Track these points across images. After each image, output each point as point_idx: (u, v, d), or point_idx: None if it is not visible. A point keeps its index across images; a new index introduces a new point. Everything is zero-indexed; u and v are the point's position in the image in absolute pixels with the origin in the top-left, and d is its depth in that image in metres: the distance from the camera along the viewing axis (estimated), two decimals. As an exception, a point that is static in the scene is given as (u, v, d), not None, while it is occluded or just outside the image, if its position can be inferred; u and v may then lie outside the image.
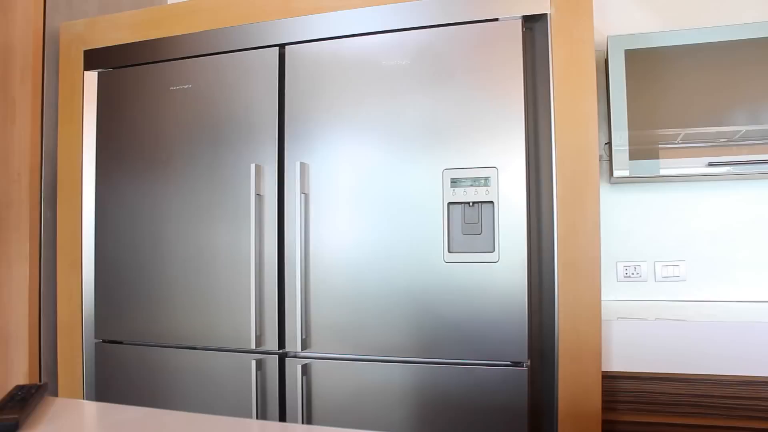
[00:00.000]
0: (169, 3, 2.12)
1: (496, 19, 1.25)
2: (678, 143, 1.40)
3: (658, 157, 1.40)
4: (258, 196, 1.37)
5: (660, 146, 1.42)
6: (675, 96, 1.43)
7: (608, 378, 1.24)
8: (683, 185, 1.65)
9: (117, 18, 1.56)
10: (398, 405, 1.26)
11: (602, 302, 1.65)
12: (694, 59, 1.42)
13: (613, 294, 1.70)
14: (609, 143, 1.47)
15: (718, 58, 1.41)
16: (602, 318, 1.26)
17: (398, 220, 1.27)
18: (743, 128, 1.37)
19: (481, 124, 1.24)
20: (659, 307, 1.51)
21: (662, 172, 1.41)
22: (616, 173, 1.44)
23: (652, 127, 1.43)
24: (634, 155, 1.42)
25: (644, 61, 1.45)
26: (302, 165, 1.34)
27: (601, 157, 1.68)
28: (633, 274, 1.66)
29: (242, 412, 1.37)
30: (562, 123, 1.22)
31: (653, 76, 1.44)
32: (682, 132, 1.41)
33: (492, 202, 1.23)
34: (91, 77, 1.57)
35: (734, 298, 1.62)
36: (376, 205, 1.29)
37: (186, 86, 1.46)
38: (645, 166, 1.42)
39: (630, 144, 1.44)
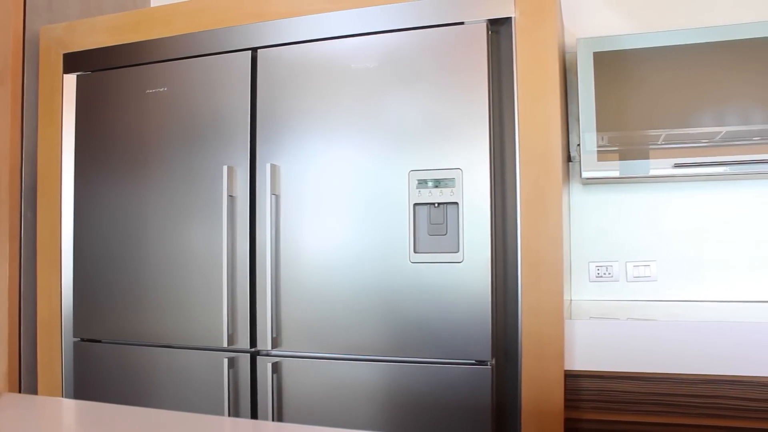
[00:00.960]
0: (152, 6, 2.14)
1: (462, 23, 1.26)
2: (660, 144, 1.42)
3: (648, 157, 1.42)
4: (230, 197, 1.39)
5: (632, 147, 1.44)
6: (643, 98, 1.44)
7: (571, 377, 1.25)
8: (655, 186, 1.66)
9: (96, 22, 1.58)
10: (367, 402, 1.28)
11: (574, 302, 1.66)
12: (663, 61, 1.44)
13: (586, 294, 1.71)
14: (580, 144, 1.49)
15: (686, 60, 1.43)
16: (573, 318, 1.28)
17: (366, 221, 1.29)
18: (722, 129, 1.39)
19: (447, 126, 1.25)
20: (630, 307, 1.53)
21: (651, 172, 1.42)
22: (584, 174, 1.46)
23: (621, 129, 1.44)
24: (623, 156, 1.43)
25: (613, 63, 1.46)
26: (273, 167, 1.36)
27: (573, 158, 1.69)
28: (605, 274, 1.67)
29: (215, 410, 1.39)
30: (525, 125, 1.24)
31: (622, 78, 1.46)
32: (663, 133, 1.42)
33: (457, 203, 1.24)
34: (70, 80, 1.59)
35: (704, 298, 1.63)
36: (344, 206, 1.31)
37: (162, 89, 1.48)
38: (633, 166, 1.43)
39: (601, 144, 1.45)
